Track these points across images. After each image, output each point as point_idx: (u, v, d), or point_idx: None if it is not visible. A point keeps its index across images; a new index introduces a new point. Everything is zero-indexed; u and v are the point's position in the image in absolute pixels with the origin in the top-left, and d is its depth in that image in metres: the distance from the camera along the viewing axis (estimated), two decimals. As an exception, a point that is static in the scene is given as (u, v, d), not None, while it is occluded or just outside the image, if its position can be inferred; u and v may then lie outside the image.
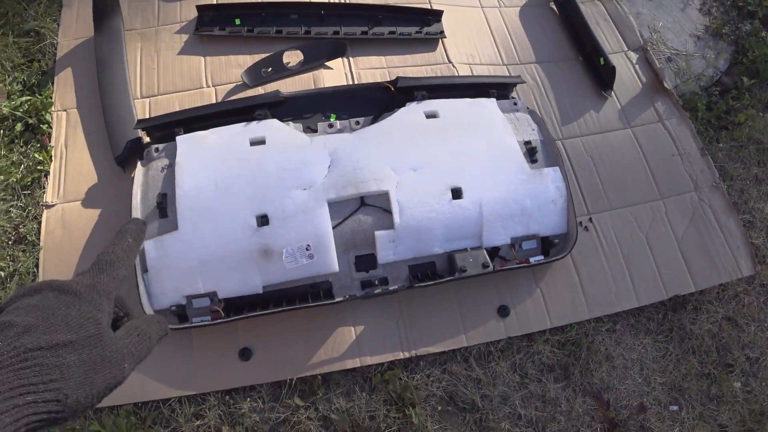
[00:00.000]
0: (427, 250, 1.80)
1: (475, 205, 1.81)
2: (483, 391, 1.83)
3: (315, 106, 1.96)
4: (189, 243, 1.70)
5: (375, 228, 1.77)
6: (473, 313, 1.86)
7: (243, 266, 1.70)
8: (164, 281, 1.71)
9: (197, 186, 1.75)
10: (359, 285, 1.79)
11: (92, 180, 1.96)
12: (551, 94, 2.18)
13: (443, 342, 1.82)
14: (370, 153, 1.81)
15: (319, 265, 1.73)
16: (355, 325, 1.79)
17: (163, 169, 1.83)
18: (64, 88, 2.12)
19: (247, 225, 1.70)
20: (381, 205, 1.78)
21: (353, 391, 1.78)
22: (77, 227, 1.90)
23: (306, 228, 1.71)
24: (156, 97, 2.07)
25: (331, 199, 1.74)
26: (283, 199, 1.73)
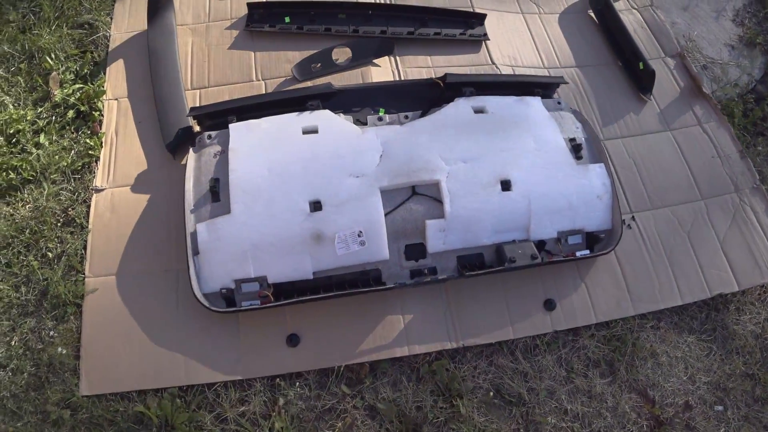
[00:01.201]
0: (475, 241, 1.72)
1: (524, 197, 1.74)
2: (529, 385, 1.73)
3: (364, 100, 1.91)
4: (241, 226, 1.62)
5: (426, 217, 1.69)
6: (520, 306, 1.77)
7: (294, 251, 1.63)
8: (215, 264, 1.63)
9: (251, 170, 1.68)
10: (408, 273, 1.70)
11: (142, 166, 1.90)
12: (591, 97, 2.12)
13: (490, 333, 1.73)
14: (422, 144, 1.74)
15: (370, 252, 1.65)
16: (404, 314, 1.70)
17: (215, 155, 1.77)
18: (115, 78, 2.07)
19: (300, 210, 1.63)
20: (432, 194, 1.71)
21: (400, 380, 1.69)
22: (126, 211, 1.83)
23: (359, 214, 1.64)
24: (206, 89, 2.01)
25: (384, 187, 1.67)
26: (336, 185, 1.66)
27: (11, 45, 2.16)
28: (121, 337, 1.65)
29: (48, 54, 2.12)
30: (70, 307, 1.70)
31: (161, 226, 1.80)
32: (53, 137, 1.96)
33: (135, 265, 1.75)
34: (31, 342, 1.68)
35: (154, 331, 1.66)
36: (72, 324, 1.70)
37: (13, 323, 1.70)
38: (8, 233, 1.80)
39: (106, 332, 1.66)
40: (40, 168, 1.91)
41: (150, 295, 1.71)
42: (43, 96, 2.06)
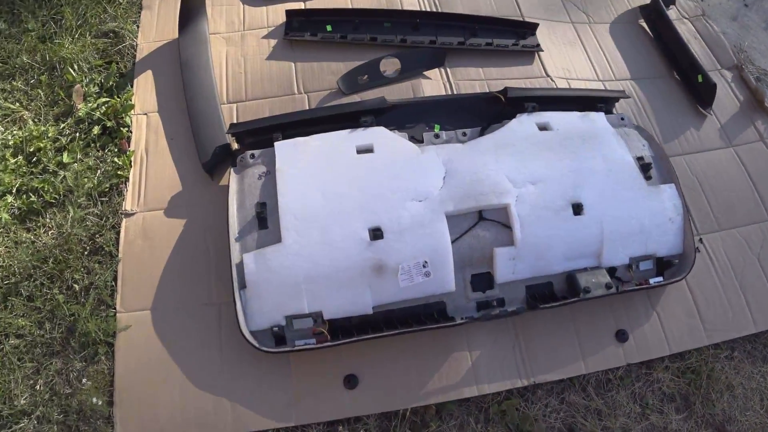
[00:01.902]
0: (546, 269, 1.49)
1: (596, 222, 1.51)
2: (604, 423, 1.51)
3: (417, 116, 1.67)
4: (294, 257, 1.38)
5: (494, 244, 1.46)
6: (591, 338, 1.55)
7: (353, 283, 1.39)
8: (264, 299, 1.39)
9: (302, 194, 1.44)
10: (475, 306, 1.47)
11: (176, 187, 1.65)
12: (650, 112, 1.91)
13: (562, 369, 1.50)
14: (488, 165, 1.51)
15: (435, 284, 1.41)
16: (471, 350, 1.47)
17: (260, 177, 1.52)
18: (144, 90, 1.82)
19: (360, 238, 1.39)
20: (500, 219, 1.48)
21: (467, 423, 1.46)
22: (159, 237, 1.58)
23: (423, 243, 1.40)
24: (244, 103, 1.77)
25: (449, 212, 1.44)
26: (398, 210, 1.42)
27: (30, 55, 1.90)
28: (159, 380, 1.40)
29: (70, 65, 1.86)
30: (101, 346, 1.45)
31: (200, 255, 1.55)
32: (77, 156, 1.71)
33: (172, 298, 1.50)
34: (58, 386, 1.43)
35: (195, 374, 1.41)
36: (104, 365, 1.44)
37: (37, 364, 1.45)
38: (30, 263, 1.54)
39: (142, 375, 1.41)
40: (64, 190, 1.65)
41: (190, 333, 1.46)
42: (65, 110, 1.80)
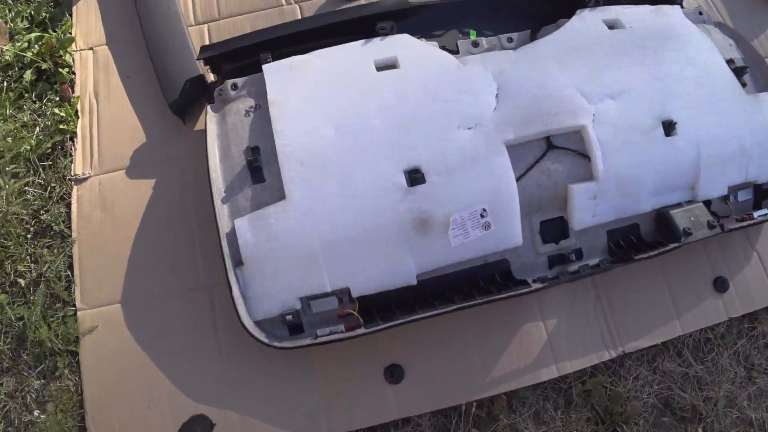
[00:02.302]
0: (632, 208, 1.11)
1: (692, 143, 1.12)
2: (705, 393, 1.17)
3: (445, 21, 1.24)
4: (304, 217, 0.98)
5: (568, 180, 1.06)
6: (686, 291, 1.18)
7: (389, 247, 0.99)
8: (269, 277, 0.98)
9: (308, 131, 1.02)
10: (546, 262, 1.09)
11: (138, 139, 1.21)
12: (721, 6, 1.49)
13: (655, 332, 1.14)
14: (551, 75, 1.09)
15: (497, 238, 1.02)
16: (544, 320, 1.10)
17: (248, 113, 1.09)
18: (86, 19, 1.34)
19: (393, 184, 0.99)
20: (574, 147, 1.08)
21: (544, 409, 1.10)
22: (123, 207, 1.15)
23: (480, 184, 1.00)
24: (217, 22, 1.31)
25: (509, 141, 1.03)
26: (441, 143, 1.01)
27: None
28: (143, 394, 1.01)
29: (-16, -7, 1.38)
30: (61, 357, 1.05)
31: (178, 224, 1.13)
32: (7, 111, 1.25)
33: (147, 285, 1.09)
34: (12, 413, 1.03)
35: (189, 382, 1.02)
36: (68, 381, 1.04)
37: (-23, 387, 1.05)
38: (-48, 253, 1.12)
39: (119, 389, 1.02)
40: (-9, 154, 1.21)
41: (176, 329, 1.06)
42: (-17, 52, 1.33)
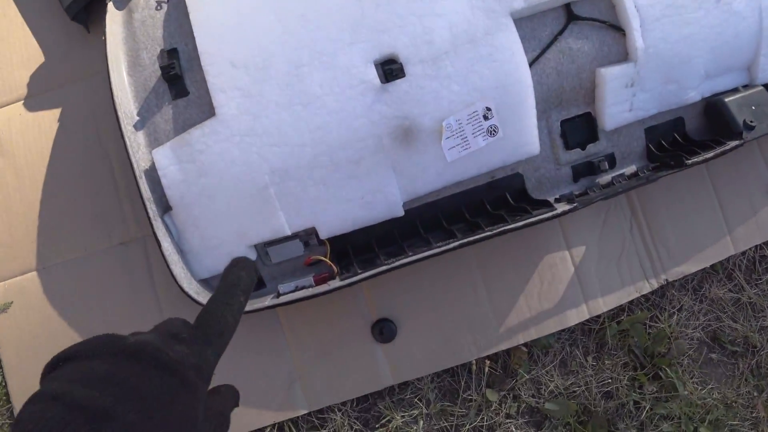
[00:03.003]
0: (677, 98, 0.78)
1: (753, 8, 0.78)
2: (760, 323, 0.91)
3: None
4: (244, 138, 0.67)
5: (596, 63, 0.74)
6: (737, 200, 0.89)
7: (362, 169, 0.68)
8: (209, 224, 0.69)
9: (238, 18, 0.69)
10: (570, 173, 0.79)
11: (35, 59, 0.86)
12: None
13: (703, 252, 0.86)
14: None
15: (506, 148, 0.71)
16: (570, 248, 0.82)
17: (159, 5, 0.75)
18: None
19: (361, 82, 0.67)
20: (603, 17, 0.75)
21: (572, 356, 0.84)
22: (25, 147, 0.83)
23: (480, 74, 0.68)
24: None
25: (517, 12, 0.70)
26: (423, 20, 0.68)
27: None
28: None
29: None
30: (-37, 342, 0.78)
31: (95, 163, 0.82)
32: None
33: (66, 245, 0.80)
34: None
35: (124, 360, 0.76)
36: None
37: None
38: None
39: (36, 376, 0.76)
40: None
41: (107, 295, 0.78)
42: None
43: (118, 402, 0.27)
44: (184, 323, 0.33)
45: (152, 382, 0.29)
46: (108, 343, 0.30)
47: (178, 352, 0.31)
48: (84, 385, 0.27)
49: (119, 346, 0.30)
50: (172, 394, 0.29)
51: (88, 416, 0.26)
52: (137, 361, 0.29)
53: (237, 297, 0.35)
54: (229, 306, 0.35)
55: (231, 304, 0.35)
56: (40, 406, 0.27)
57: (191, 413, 0.30)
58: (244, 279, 0.36)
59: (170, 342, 0.31)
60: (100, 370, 0.28)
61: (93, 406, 0.26)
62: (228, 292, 0.35)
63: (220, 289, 0.36)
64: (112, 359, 0.29)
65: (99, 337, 0.30)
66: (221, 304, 0.34)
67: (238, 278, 0.36)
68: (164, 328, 0.33)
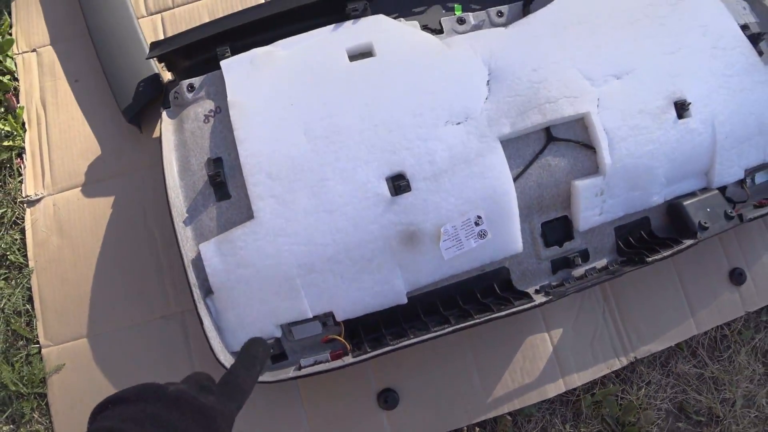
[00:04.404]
0: (642, 202, 0.95)
1: (707, 125, 0.96)
2: (722, 394, 1.05)
3: (426, -2, 1.06)
4: (277, 237, 0.82)
5: (571, 176, 0.91)
6: (700, 286, 1.05)
7: (374, 264, 0.84)
8: (243, 306, 0.84)
9: (275, 137, 0.86)
10: (549, 267, 0.94)
11: (93, 151, 1.04)
12: (728, -36, 1.30)
13: (668, 333, 1.01)
14: (548, 55, 0.92)
15: (495, 247, 0.87)
16: (549, 330, 0.97)
17: (207, 118, 0.92)
18: (27, 17, 1.15)
19: (375, 195, 0.83)
20: (577, 137, 0.92)
21: (551, 424, 0.97)
22: (81, 229, 1.00)
23: (473, 188, 0.85)
24: (171, 11, 1.12)
25: (504, 136, 0.87)
26: (427, 143, 0.85)
27: None
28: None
29: None
30: (27, 401, 0.92)
31: (143, 246, 0.98)
32: (-57, 124, 1.08)
33: (114, 315, 0.95)
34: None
35: (162, 421, 0.89)
36: (38, 425, 0.91)
37: (-69, 439, 0.92)
38: None
39: None
40: (-70, 177, 1.04)
41: (149, 362, 0.93)
42: None
43: None
44: (210, 377, 0.42)
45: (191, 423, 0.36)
46: (152, 390, 0.36)
47: (209, 400, 0.39)
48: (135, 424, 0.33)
49: (162, 392, 0.37)
50: None
51: None
52: (178, 406, 0.36)
53: (256, 367, 0.46)
54: (249, 372, 0.45)
55: (250, 370, 0.45)
56: None
57: None
58: (261, 354, 0.47)
59: (202, 392, 0.39)
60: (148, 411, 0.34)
61: None
62: (250, 360, 0.46)
63: (243, 358, 0.46)
64: (157, 403, 0.35)
65: (144, 385, 0.37)
66: (243, 369, 0.44)
67: (257, 352, 0.47)
68: (194, 380, 0.41)
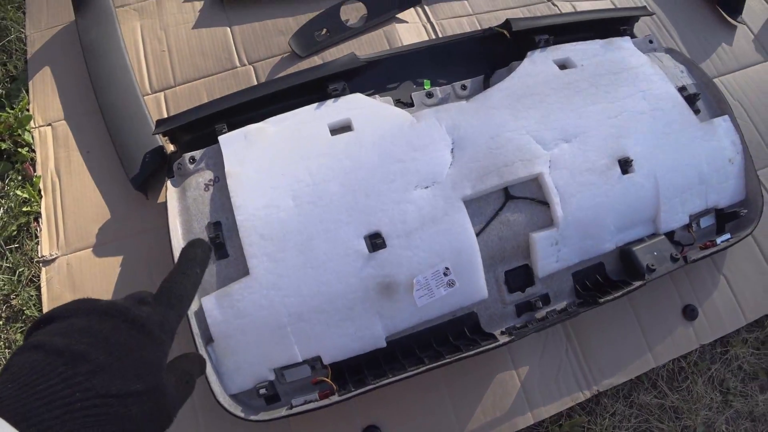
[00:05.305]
0: (595, 249, 1.10)
1: (649, 178, 1.12)
2: (683, 422, 1.17)
3: (399, 73, 1.23)
4: (269, 291, 0.96)
5: (529, 229, 1.06)
6: (656, 323, 1.18)
7: (356, 313, 0.98)
8: (240, 353, 0.97)
9: (267, 203, 1.01)
10: (514, 311, 1.08)
11: (103, 216, 1.19)
12: (671, 29, 1.49)
13: (628, 367, 1.14)
14: (506, 124, 1.09)
15: (462, 294, 1.01)
16: (517, 368, 1.09)
17: (207, 187, 1.08)
18: (43, 94, 1.32)
19: (355, 251, 0.98)
20: (532, 195, 1.07)
21: (523, 456, 1.10)
22: (92, 286, 1.13)
23: (440, 243, 0.99)
24: (174, 89, 1.29)
25: (467, 197, 1.03)
26: (399, 206, 1.00)
27: None
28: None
29: (-61, 74, 1.35)
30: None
31: (148, 300, 1.12)
32: (-33, 192, 1.23)
33: (120, 363, 1.08)
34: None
35: (167, 462, 1.01)
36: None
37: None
38: None
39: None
40: (-45, 241, 1.18)
41: (151, 407, 1.05)
42: (-58, 135, 1.31)
43: (92, 348, 0.33)
44: (149, 293, 0.41)
45: (121, 333, 0.35)
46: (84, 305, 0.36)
47: (144, 311, 0.38)
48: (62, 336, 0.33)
49: (93, 306, 0.36)
50: (138, 343, 0.36)
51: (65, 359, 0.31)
52: (109, 317, 0.35)
53: (194, 269, 0.43)
54: (188, 276, 0.42)
55: (189, 275, 0.42)
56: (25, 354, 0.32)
57: (156, 361, 0.36)
58: (200, 255, 0.44)
59: (137, 305, 0.39)
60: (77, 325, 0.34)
61: (69, 350, 0.32)
62: (186, 264, 0.43)
63: (179, 263, 0.43)
64: (88, 317, 0.35)
65: (76, 301, 0.37)
66: (181, 275, 0.42)
67: (195, 254, 0.44)
68: (132, 296, 0.40)
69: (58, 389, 0.30)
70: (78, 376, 0.31)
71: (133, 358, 0.35)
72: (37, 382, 0.30)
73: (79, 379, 0.31)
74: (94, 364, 0.32)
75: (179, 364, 0.42)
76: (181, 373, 0.41)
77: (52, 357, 0.31)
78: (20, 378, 0.30)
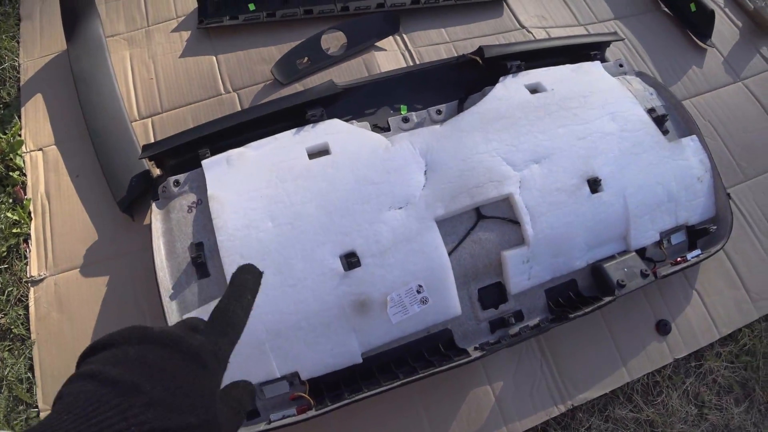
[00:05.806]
0: (567, 266, 1.16)
1: (618, 197, 1.18)
2: (659, 437, 1.21)
3: (376, 98, 1.30)
4: (249, 309, 1.02)
5: (501, 247, 1.12)
6: (629, 338, 1.23)
7: (332, 330, 1.03)
8: (220, 369, 1.02)
9: (246, 224, 1.06)
10: (488, 327, 1.13)
11: (90, 237, 1.24)
12: (643, 53, 1.57)
13: (602, 382, 1.18)
14: (477, 147, 1.15)
15: (436, 311, 1.06)
16: (491, 383, 1.14)
17: (190, 209, 1.14)
18: (34, 120, 1.39)
19: (330, 270, 1.03)
20: (503, 215, 1.13)
21: (500, 472, 1.13)
22: (79, 305, 1.18)
23: (413, 262, 1.05)
24: (161, 115, 1.36)
25: (439, 217, 1.08)
26: (373, 226, 1.06)
27: None
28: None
29: (-65, 101, 1.42)
30: (19, 463, 1.07)
31: (133, 319, 1.16)
32: (-41, 215, 1.29)
33: (104, 382, 1.12)
34: None
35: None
36: (26, 487, 1.06)
37: (-64, 503, 1.06)
38: None
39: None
40: (-54, 262, 1.24)
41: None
42: (-64, 160, 1.37)
43: (146, 379, 0.32)
44: (201, 320, 0.41)
45: (175, 364, 0.34)
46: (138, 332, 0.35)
47: (197, 339, 0.37)
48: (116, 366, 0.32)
49: (148, 334, 0.35)
50: (192, 374, 0.35)
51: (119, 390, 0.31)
52: (163, 346, 0.35)
53: (245, 296, 0.43)
54: (239, 303, 0.42)
55: (240, 301, 0.42)
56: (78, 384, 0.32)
57: (210, 393, 0.36)
58: (251, 281, 0.44)
59: (190, 333, 0.38)
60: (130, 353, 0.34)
61: (124, 381, 0.31)
62: (238, 291, 0.43)
63: (230, 290, 0.43)
64: (141, 345, 0.34)
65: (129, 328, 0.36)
66: (232, 302, 0.42)
67: (246, 280, 0.44)
68: (184, 322, 0.40)
69: (113, 422, 0.30)
70: (133, 408, 0.31)
71: (187, 390, 0.34)
72: (92, 414, 0.30)
73: (135, 411, 0.31)
74: (148, 396, 0.32)
75: (231, 393, 0.41)
76: (234, 403, 0.40)
77: (107, 388, 0.31)
78: (75, 409, 0.30)
